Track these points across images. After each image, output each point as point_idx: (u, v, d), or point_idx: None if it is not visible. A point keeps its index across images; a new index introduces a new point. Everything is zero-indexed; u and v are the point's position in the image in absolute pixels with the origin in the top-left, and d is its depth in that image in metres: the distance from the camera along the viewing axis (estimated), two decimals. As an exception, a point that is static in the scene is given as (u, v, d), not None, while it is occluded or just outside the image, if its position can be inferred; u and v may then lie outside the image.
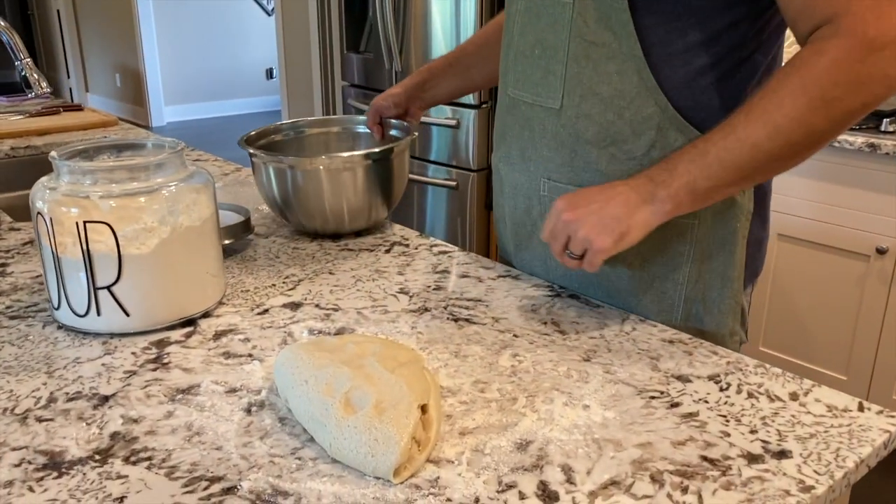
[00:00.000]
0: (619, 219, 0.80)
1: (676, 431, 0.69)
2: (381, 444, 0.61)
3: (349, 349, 0.71)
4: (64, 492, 0.61)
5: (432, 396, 0.66)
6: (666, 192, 0.80)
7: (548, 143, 0.94)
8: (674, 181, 0.80)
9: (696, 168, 0.79)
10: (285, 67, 4.02)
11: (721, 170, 0.78)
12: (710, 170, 0.79)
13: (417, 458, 0.62)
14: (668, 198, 0.80)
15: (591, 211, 0.81)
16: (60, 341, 0.85)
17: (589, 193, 0.83)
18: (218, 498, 0.60)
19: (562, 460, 0.64)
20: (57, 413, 0.71)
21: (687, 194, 0.80)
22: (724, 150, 0.78)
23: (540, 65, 0.93)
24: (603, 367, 0.79)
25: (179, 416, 0.71)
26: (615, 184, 0.83)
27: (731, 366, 0.80)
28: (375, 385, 0.65)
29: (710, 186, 0.80)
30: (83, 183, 0.84)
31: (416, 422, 0.62)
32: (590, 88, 0.89)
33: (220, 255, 0.94)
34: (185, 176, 0.89)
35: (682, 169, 0.80)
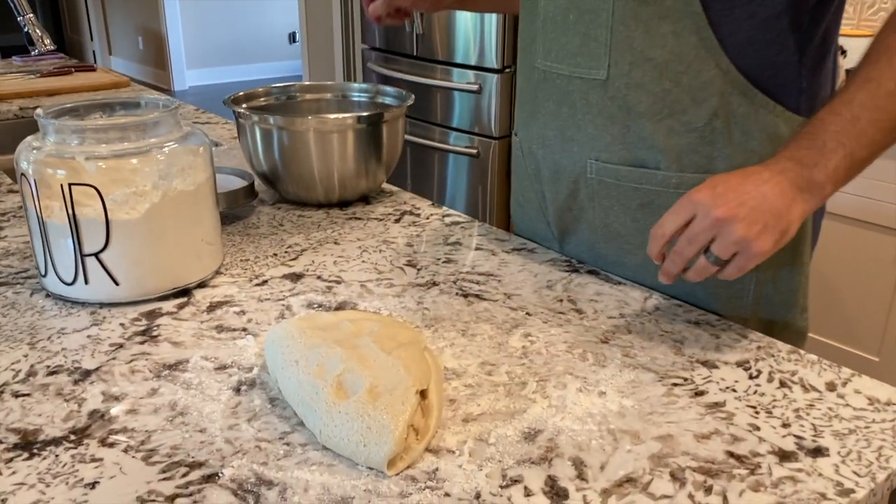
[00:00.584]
0: (779, 214, 0.67)
1: (700, 423, 0.63)
2: (375, 432, 0.55)
3: (344, 327, 0.65)
4: (33, 475, 0.56)
5: (433, 380, 0.61)
6: (824, 174, 0.68)
7: (593, 120, 0.85)
8: (829, 160, 0.69)
9: (849, 139, 0.69)
10: (307, 31, 3.95)
11: (879, 133, 0.69)
12: (867, 136, 0.69)
13: (415, 447, 0.57)
14: (828, 180, 0.69)
15: (748, 206, 0.67)
16: (47, 310, 0.81)
17: (734, 182, 0.69)
18: (196, 486, 0.55)
19: (573, 453, 0.59)
20: (35, 388, 0.67)
21: (846, 171, 0.69)
22: (878, 111, 0.68)
23: (577, 31, 0.83)
24: (622, 350, 0.73)
25: (164, 395, 0.66)
26: (756, 169, 0.70)
27: (762, 351, 0.74)
28: (370, 368, 0.59)
29: (868, 155, 0.70)
30: (70, 143, 0.79)
31: (414, 409, 0.57)
32: (641, 54, 0.79)
33: (217, 221, 0.89)
34: (179, 137, 0.83)
35: (832, 144, 0.69)
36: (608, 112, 0.83)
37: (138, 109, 0.88)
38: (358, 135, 1.05)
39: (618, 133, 0.84)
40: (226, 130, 1.56)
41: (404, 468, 0.56)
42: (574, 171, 0.89)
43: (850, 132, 0.69)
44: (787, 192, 0.68)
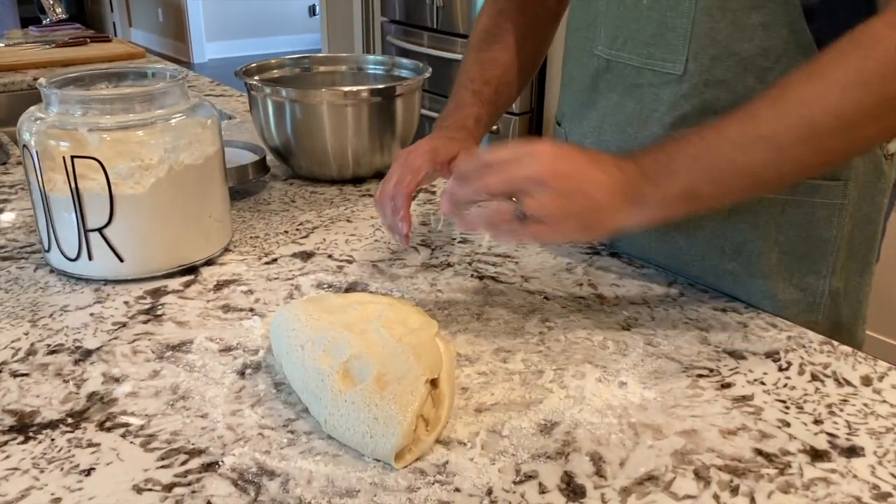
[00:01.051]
0: (597, 212, 0.61)
1: (727, 418, 0.59)
2: (382, 423, 0.52)
3: (353, 311, 0.62)
4: (27, 459, 0.54)
5: (445, 369, 0.58)
6: (658, 196, 0.61)
7: (661, 118, 0.76)
8: (669, 183, 0.61)
9: (700, 168, 0.61)
10: (326, 3, 3.90)
11: (732, 174, 0.61)
12: (718, 172, 0.61)
13: (424, 439, 0.54)
14: (658, 204, 0.62)
15: (579, 190, 0.61)
16: (51, 286, 0.79)
17: (580, 161, 0.63)
18: (195, 475, 0.53)
19: (591, 448, 0.56)
20: (34, 367, 0.65)
21: (683, 201, 0.62)
22: (741, 150, 0.60)
23: (652, 18, 0.74)
24: (644, 338, 0.70)
25: (166, 377, 0.64)
26: (606, 160, 0.63)
27: (793, 341, 0.70)
28: (378, 355, 0.56)
29: (714, 193, 0.63)
30: (74, 114, 0.76)
31: (423, 399, 0.54)
32: (725, 47, 0.70)
33: (225, 197, 0.86)
34: (187, 108, 0.80)
35: (681, 166, 0.61)
36: (680, 110, 0.74)
37: (146, 80, 0.85)
38: (372, 108, 1.02)
39: None
40: (240, 103, 1.52)
41: (413, 461, 0.54)
42: None
43: (704, 162, 0.61)
44: (616, 197, 0.62)
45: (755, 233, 0.76)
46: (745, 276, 0.77)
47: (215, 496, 0.51)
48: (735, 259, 0.77)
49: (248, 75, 1.08)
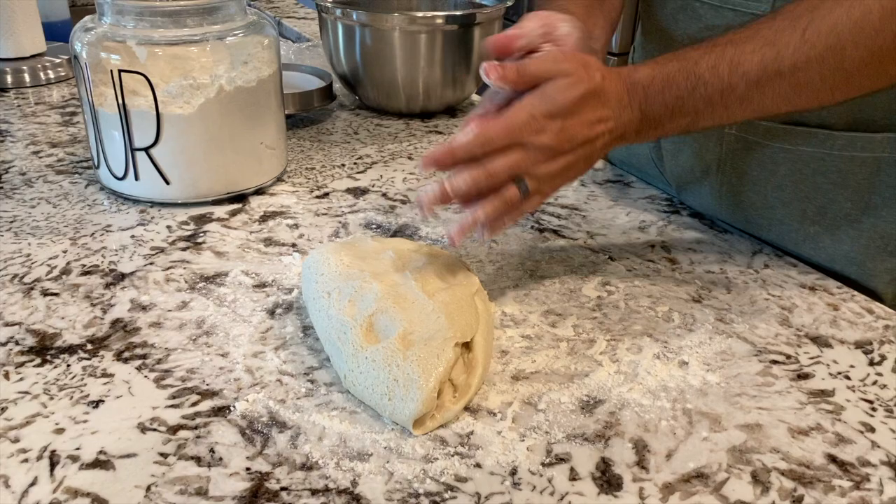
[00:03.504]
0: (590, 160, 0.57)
1: (799, 415, 0.52)
2: (402, 386, 0.48)
3: (386, 259, 0.57)
4: (39, 384, 0.52)
5: (481, 332, 0.52)
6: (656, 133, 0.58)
7: None
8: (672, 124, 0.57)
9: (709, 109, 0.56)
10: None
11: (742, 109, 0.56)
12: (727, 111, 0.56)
13: (449, 407, 0.49)
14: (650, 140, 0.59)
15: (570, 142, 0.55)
16: (98, 205, 0.77)
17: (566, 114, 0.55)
18: (203, 419, 0.49)
19: (636, 433, 0.49)
20: (65, 287, 0.63)
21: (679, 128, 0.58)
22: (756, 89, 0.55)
23: None
24: (716, 314, 0.62)
25: (193, 309, 0.61)
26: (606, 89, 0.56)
27: (891, 332, 0.61)
28: (407, 311, 0.51)
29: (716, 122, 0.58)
30: (126, 25, 0.72)
31: (450, 364, 0.49)
32: None
33: (280, 124, 0.82)
34: (244, 26, 0.76)
35: (689, 107, 0.56)
36: None
37: (205, -6, 0.81)
38: (447, 37, 0.95)
39: None
40: (307, 26, 1.47)
41: (434, 428, 0.49)
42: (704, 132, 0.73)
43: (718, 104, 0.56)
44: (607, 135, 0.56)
45: (843, 193, 0.67)
46: (828, 242, 0.68)
47: (220, 444, 0.47)
48: (818, 222, 0.68)
49: (323, -4, 1.02)
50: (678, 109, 0.56)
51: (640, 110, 0.57)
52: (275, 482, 0.45)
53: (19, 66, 1.10)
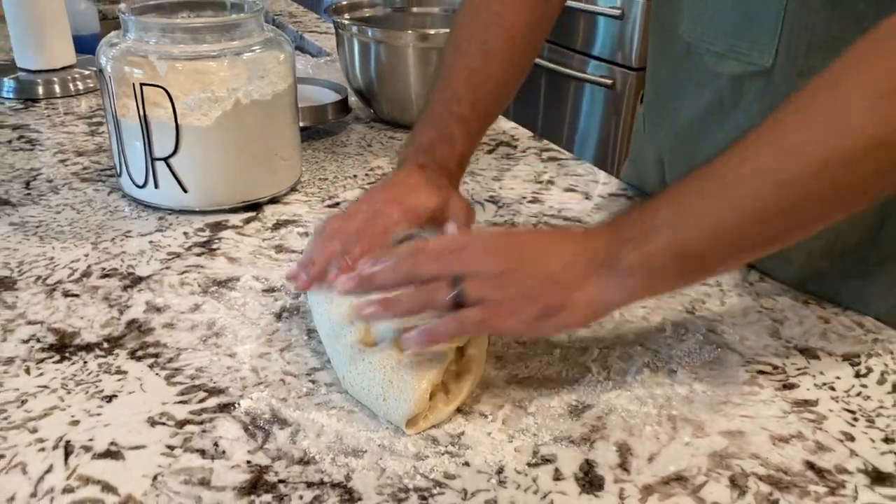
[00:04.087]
0: (553, 283, 0.50)
1: (782, 423, 0.53)
2: (396, 388, 0.50)
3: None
4: (58, 379, 0.55)
5: (475, 338, 0.55)
6: (639, 259, 0.49)
7: (745, 113, 0.67)
8: (649, 238, 0.49)
9: (686, 217, 0.49)
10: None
11: (731, 217, 0.48)
12: (711, 218, 0.49)
13: (442, 409, 0.51)
14: (639, 263, 0.49)
15: (530, 262, 0.51)
16: (119, 211, 0.80)
17: (532, 237, 0.55)
18: (209, 415, 0.52)
19: (620, 437, 0.51)
20: (85, 289, 0.66)
21: (671, 259, 0.49)
22: (736, 187, 0.48)
23: (737, 2, 0.65)
24: (707, 325, 0.64)
25: (205, 311, 0.64)
26: (567, 233, 0.55)
27: (879, 346, 0.62)
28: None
29: (709, 248, 0.49)
30: (148, 41, 0.76)
31: (442, 368, 0.51)
32: (826, 37, 0.60)
33: (295, 136, 0.85)
34: (261, 42, 0.79)
35: (663, 218, 0.50)
36: (766, 105, 0.64)
37: (224, 10, 0.84)
38: (459, 54, 0.97)
39: None
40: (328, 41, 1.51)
41: (427, 428, 0.51)
42: None
43: (691, 210, 0.49)
44: (580, 264, 0.50)
45: (850, 228, 0.66)
46: (836, 277, 0.68)
47: (224, 438, 0.50)
48: (826, 257, 0.68)
49: (338, 13, 1.06)
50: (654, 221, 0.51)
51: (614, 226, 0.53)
52: (273, 475, 0.47)
53: (50, 78, 1.15)
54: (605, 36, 2.50)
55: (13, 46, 1.16)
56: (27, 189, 0.84)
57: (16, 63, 1.17)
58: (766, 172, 0.47)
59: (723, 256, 0.51)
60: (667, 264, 0.50)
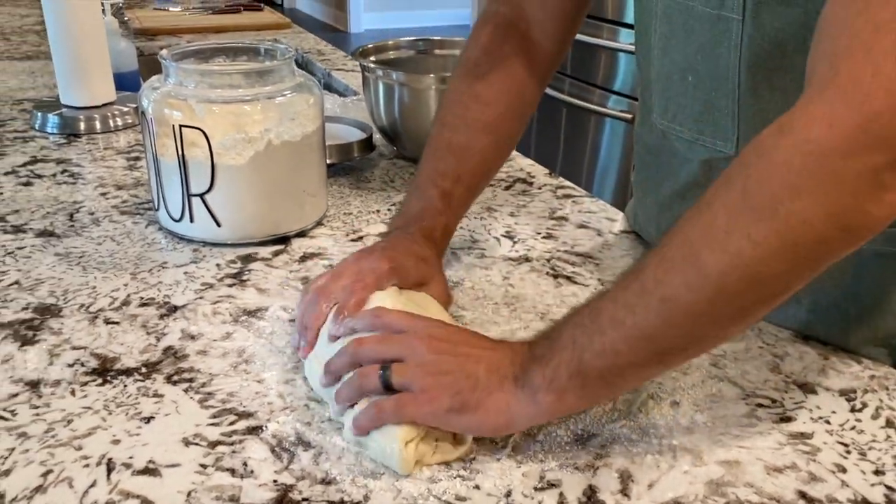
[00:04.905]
0: (474, 383, 0.53)
1: (777, 454, 0.56)
2: (388, 454, 0.53)
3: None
4: (100, 401, 0.60)
5: None
6: (541, 375, 0.52)
7: None
8: (555, 360, 0.52)
9: (583, 337, 0.51)
10: (478, -20, 3.90)
11: (620, 338, 0.50)
12: (603, 338, 0.51)
13: (451, 452, 0.55)
14: (545, 383, 0.52)
15: (456, 356, 0.55)
16: (156, 243, 0.85)
17: (465, 334, 0.59)
18: (239, 437, 0.57)
19: (623, 465, 0.55)
20: (125, 317, 0.71)
21: (570, 378, 0.51)
22: (624, 307, 0.50)
23: (697, 96, 0.69)
24: (711, 359, 0.67)
25: (236, 340, 0.68)
26: (498, 340, 0.58)
27: (875, 382, 0.65)
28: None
29: (607, 366, 0.51)
30: (187, 86, 0.82)
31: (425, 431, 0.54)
32: None
33: (322, 173, 0.90)
34: (292, 86, 0.84)
35: (565, 337, 0.52)
36: None
37: (259, 56, 0.90)
38: (478, 96, 1.02)
39: None
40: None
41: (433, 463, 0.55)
42: None
43: (588, 328, 0.52)
44: (500, 374, 0.53)
45: (831, 282, 0.68)
46: (821, 328, 0.70)
47: (252, 458, 0.54)
48: (812, 311, 0.70)
49: (365, 56, 1.11)
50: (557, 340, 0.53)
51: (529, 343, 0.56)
52: (297, 494, 0.51)
53: (91, 114, 1.21)
54: (626, 72, 2.55)
55: (58, 84, 1.23)
56: (71, 221, 0.90)
57: (60, 100, 1.24)
58: (649, 292, 0.50)
59: (623, 374, 0.52)
60: (568, 384, 0.52)
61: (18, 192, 0.97)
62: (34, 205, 0.94)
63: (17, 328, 0.69)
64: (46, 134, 1.19)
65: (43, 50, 1.73)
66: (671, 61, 0.71)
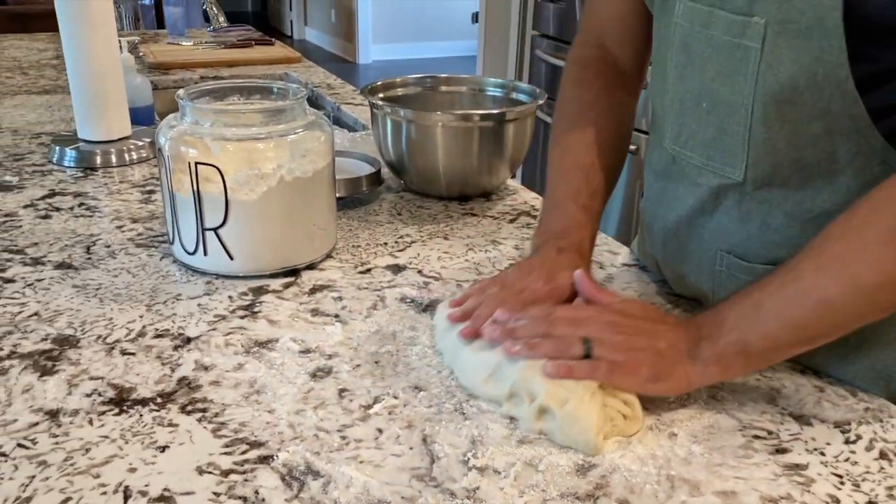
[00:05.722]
0: (661, 357, 0.64)
1: (772, 485, 0.58)
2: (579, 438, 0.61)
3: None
4: (117, 430, 0.62)
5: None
6: (711, 351, 0.64)
7: (727, 213, 0.74)
8: (720, 338, 0.64)
9: (746, 324, 0.63)
10: (486, 13, 3.97)
11: (779, 327, 0.63)
12: (765, 327, 0.63)
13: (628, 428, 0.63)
14: (714, 358, 0.64)
15: (645, 333, 0.66)
16: (170, 275, 0.88)
17: (646, 313, 0.69)
18: (251, 465, 0.59)
19: (622, 494, 0.56)
20: (141, 348, 0.74)
21: (736, 355, 0.64)
22: (783, 303, 0.62)
23: (710, 122, 0.72)
24: (708, 391, 0.69)
25: (247, 371, 0.70)
26: (666, 316, 0.70)
27: (870, 414, 0.67)
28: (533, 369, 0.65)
29: (768, 347, 0.64)
30: (203, 124, 0.85)
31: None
32: (787, 155, 0.68)
33: (332, 207, 0.92)
34: (304, 125, 0.87)
35: (730, 323, 0.64)
36: (745, 209, 0.73)
37: (272, 95, 0.93)
38: (483, 132, 1.05)
39: (756, 231, 0.73)
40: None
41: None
42: (701, 259, 0.79)
43: (750, 318, 0.63)
44: (679, 347, 0.65)
45: None
46: (822, 358, 0.72)
47: (263, 487, 0.56)
48: None
49: (374, 93, 1.14)
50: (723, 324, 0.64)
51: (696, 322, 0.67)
52: (307, 521, 0.53)
53: (108, 149, 1.25)
54: (630, 104, 2.58)
55: (76, 119, 1.27)
56: (88, 253, 0.93)
57: (77, 134, 1.27)
58: (807, 293, 0.62)
59: (781, 352, 0.65)
60: (734, 360, 0.64)
61: (37, 225, 1.01)
62: (52, 237, 0.97)
63: (37, 359, 0.72)
64: (64, 167, 1.23)
65: (60, 84, 1.78)
66: (686, 88, 0.74)
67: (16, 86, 1.78)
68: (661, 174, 0.83)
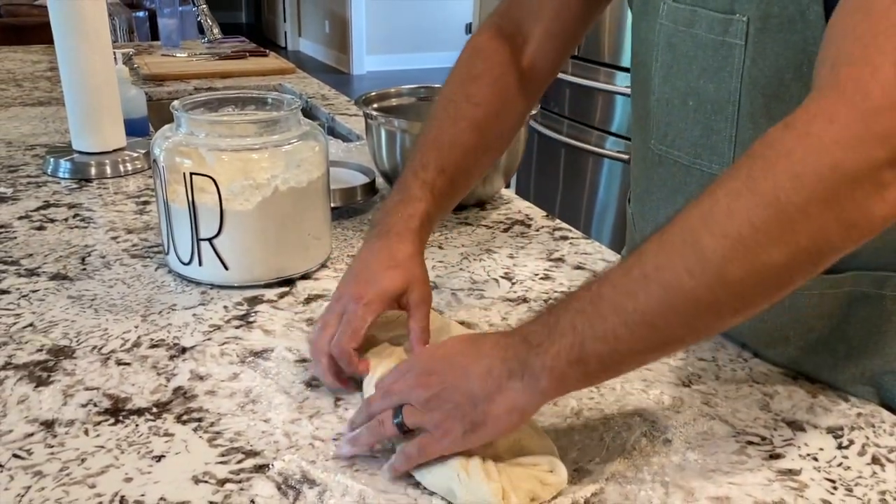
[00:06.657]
0: (474, 402, 0.55)
1: (766, 490, 0.58)
2: None
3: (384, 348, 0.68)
4: (112, 440, 0.62)
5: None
6: (541, 363, 0.53)
7: None
8: (551, 345, 0.53)
9: (583, 322, 0.52)
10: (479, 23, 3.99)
11: (620, 324, 0.51)
12: (606, 325, 0.51)
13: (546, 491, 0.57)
14: (545, 371, 0.53)
15: (448, 387, 0.56)
16: (165, 286, 0.88)
17: (449, 357, 0.59)
18: (247, 474, 0.59)
19: (617, 501, 0.57)
20: (136, 358, 0.74)
21: (571, 365, 0.52)
22: (625, 293, 0.51)
23: (697, 120, 0.72)
24: (702, 397, 0.69)
25: (243, 380, 0.71)
26: (481, 342, 0.58)
27: (862, 419, 0.67)
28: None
29: (608, 351, 0.52)
30: (198, 135, 0.85)
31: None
32: None
33: (326, 217, 0.93)
34: (298, 135, 0.88)
35: (564, 324, 0.53)
36: None
37: (266, 106, 0.94)
38: (477, 142, 1.06)
39: None
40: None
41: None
42: None
43: (588, 314, 0.52)
44: (494, 374, 0.55)
45: (821, 322, 0.71)
46: (811, 367, 0.73)
47: (259, 496, 0.56)
48: (802, 349, 0.73)
49: (368, 103, 1.15)
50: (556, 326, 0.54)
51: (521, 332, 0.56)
52: (303, 529, 0.53)
53: (102, 160, 1.25)
54: (622, 113, 2.60)
55: (71, 130, 1.27)
56: (83, 264, 0.93)
57: (72, 146, 1.28)
58: (650, 277, 0.50)
59: (624, 359, 0.53)
60: (569, 370, 0.53)
61: (32, 237, 1.01)
62: (47, 248, 0.97)
63: (33, 369, 0.72)
64: (58, 179, 1.23)
65: (54, 96, 1.78)
66: (672, 87, 0.74)
67: (10, 98, 1.78)
68: (647, 175, 0.83)
